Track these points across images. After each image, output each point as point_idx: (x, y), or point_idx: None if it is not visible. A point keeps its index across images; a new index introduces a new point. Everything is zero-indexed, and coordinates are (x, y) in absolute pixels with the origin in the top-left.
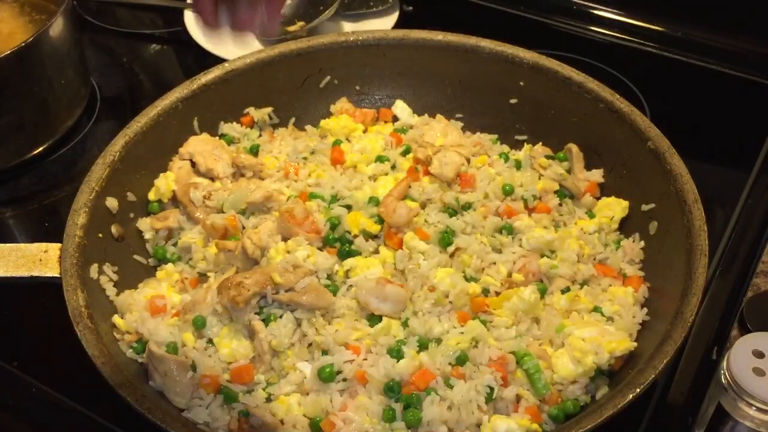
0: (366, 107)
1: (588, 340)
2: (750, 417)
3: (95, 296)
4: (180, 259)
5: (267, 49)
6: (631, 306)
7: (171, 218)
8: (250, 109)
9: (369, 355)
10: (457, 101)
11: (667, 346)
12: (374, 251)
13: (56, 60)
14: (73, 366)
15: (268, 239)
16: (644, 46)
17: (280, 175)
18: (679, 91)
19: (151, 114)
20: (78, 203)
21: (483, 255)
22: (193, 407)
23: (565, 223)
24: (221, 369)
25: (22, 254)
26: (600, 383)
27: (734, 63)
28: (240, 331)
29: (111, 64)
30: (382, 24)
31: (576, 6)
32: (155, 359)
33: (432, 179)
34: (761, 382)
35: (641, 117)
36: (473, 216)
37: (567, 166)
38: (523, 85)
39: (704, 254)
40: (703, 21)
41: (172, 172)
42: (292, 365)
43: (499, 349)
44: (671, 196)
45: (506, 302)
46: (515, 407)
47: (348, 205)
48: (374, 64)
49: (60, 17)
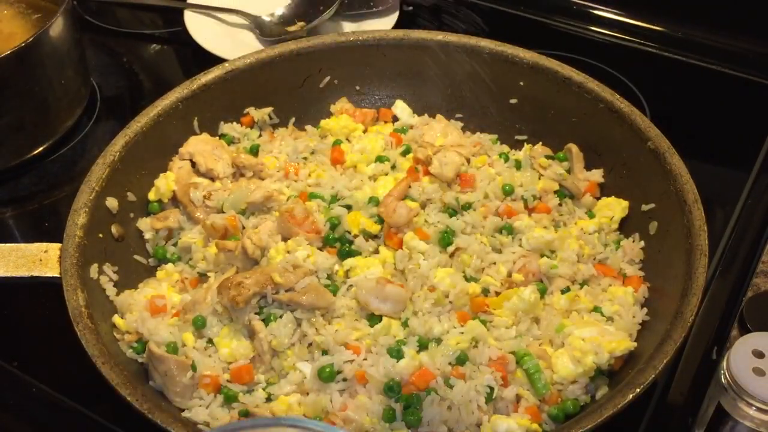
0: (366, 107)
1: (588, 340)
2: (750, 417)
3: (95, 296)
4: (180, 259)
5: (267, 49)
6: (631, 306)
7: (171, 218)
8: (250, 109)
9: (369, 355)
10: (457, 101)
11: (667, 346)
12: (374, 251)
13: (56, 60)
14: (73, 366)
15: (268, 239)
16: (644, 46)
17: (280, 175)
18: (679, 91)
19: (151, 114)
20: (78, 203)
21: (483, 255)
22: (193, 407)
23: (565, 223)
24: (221, 369)
25: (22, 254)
26: (600, 383)
27: (734, 63)
28: (240, 331)
29: (111, 64)
30: (382, 24)
31: (576, 6)
32: (155, 359)
33: (432, 179)
34: (761, 382)
35: (641, 117)
36: (473, 216)
37: (567, 166)
38: (523, 85)
39: (704, 254)
40: (703, 21)
41: (172, 172)
42: (292, 365)
43: (499, 349)
44: (671, 196)
45: (506, 302)
46: (515, 407)
47: (348, 205)
48: (374, 64)
49: (60, 17)
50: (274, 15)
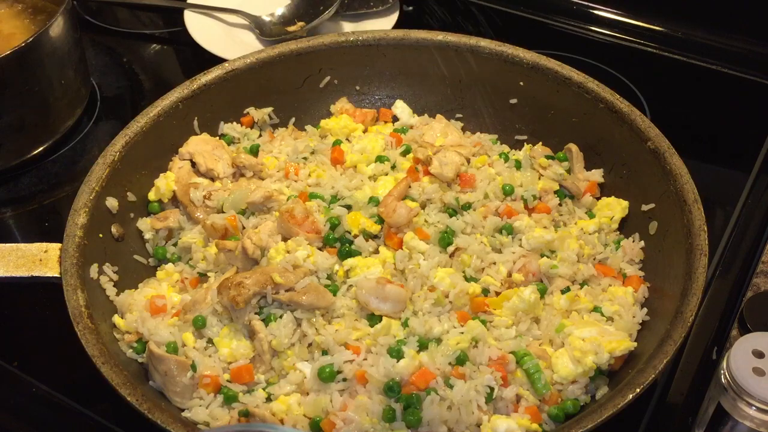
0: (366, 107)
1: (588, 340)
2: (750, 417)
3: (95, 296)
4: (180, 259)
5: (267, 49)
6: (631, 306)
7: (171, 218)
8: (250, 109)
9: (369, 355)
10: (457, 101)
11: (667, 346)
12: (374, 251)
13: (56, 60)
14: (73, 366)
15: (268, 239)
16: (644, 46)
17: (280, 175)
18: (679, 91)
19: (151, 114)
20: (78, 203)
21: (483, 255)
22: (193, 407)
23: (565, 223)
24: (221, 369)
25: (22, 254)
26: (600, 383)
27: (734, 63)
28: (240, 331)
29: (111, 64)
30: (382, 24)
31: (576, 6)
32: (155, 359)
33: (432, 179)
34: (761, 382)
35: (641, 117)
36: (473, 216)
37: (567, 166)
38: (523, 85)
39: (704, 254)
40: (703, 21)
41: (172, 172)
42: (292, 365)
43: (499, 349)
44: (671, 196)
45: (506, 302)
46: (515, 407)
47: (348, 205)
48: (374, 64)
49: (60, 17)
50: (274, 15)
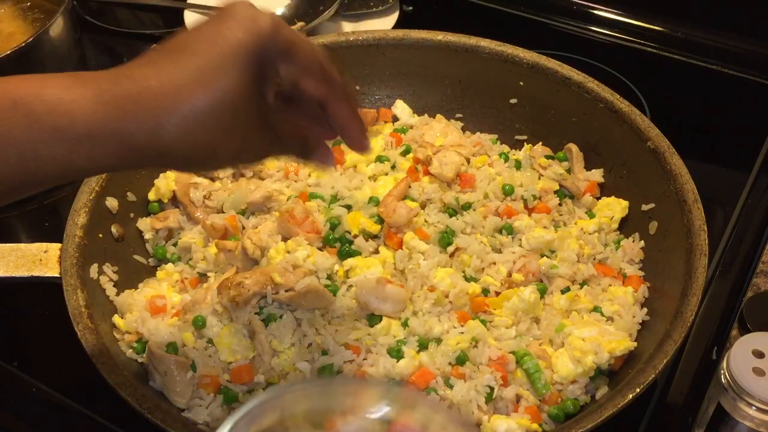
0: (366, 107)
1: (588, 340)
2: (750, 417)
3: (95, 296)
4: (180, 259)
5: None
6: (631, 306)
7: (171, 218)
8: None
9: (369, 355)
10: (457, 101)
11: (667, 346)
12: (374, 251)
13: (56, 60)
14: (73, 366)
15: (268, 239)
16: (644, 46)
17: (280, 175)
18: (679, 91)
19: None
20: (78, 203)
21: (483, 255)
22: (193, 407)
23: (565, 223)
24: (221, 369)
25: (22, 254)
26: (600, 383)
27: (734, 63)
28: (240, 331)
29: (111, 64)
30: (382, 24)
31: (576, 6)
32: (155, 359)
33: (432, 179)
34: (761, 382)
35: (641, 117)
36: (473, 216)
37: (567, 166)
38: (523, 85)
39: (704, 254)
40: (703, 21)
41: (172, 172)
42: (292, 365)
43: (499, 349)
44: (671, 196)
45: (506, 302)
46: (515, 407)
47: (348, 205)
48: (374, 64)
49: (60, 17)
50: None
